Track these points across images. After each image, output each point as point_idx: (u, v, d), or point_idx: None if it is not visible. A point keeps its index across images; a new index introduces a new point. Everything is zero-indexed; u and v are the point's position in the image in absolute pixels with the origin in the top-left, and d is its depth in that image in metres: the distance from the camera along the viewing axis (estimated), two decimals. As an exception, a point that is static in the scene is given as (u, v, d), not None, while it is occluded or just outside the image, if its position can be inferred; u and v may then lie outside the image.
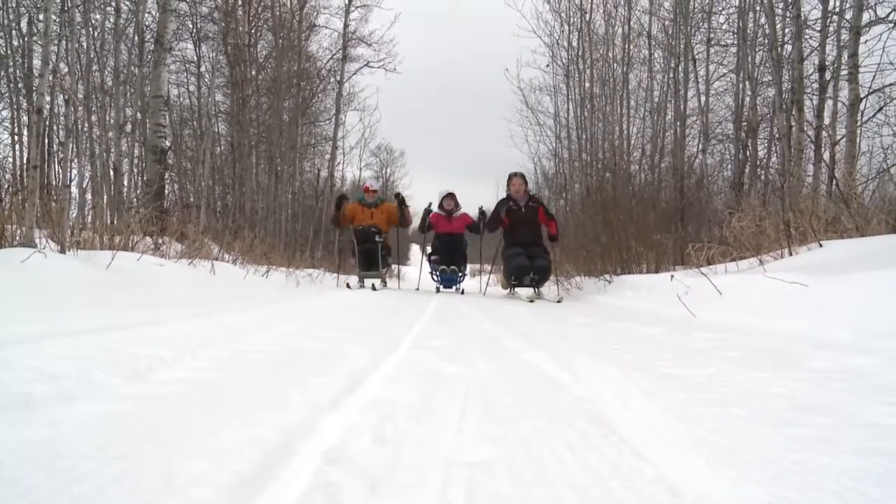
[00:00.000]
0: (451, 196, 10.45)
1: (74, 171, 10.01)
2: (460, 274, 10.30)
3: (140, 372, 1.84)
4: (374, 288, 9.24)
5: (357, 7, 19.05)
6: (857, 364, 2.37)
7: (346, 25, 18.99)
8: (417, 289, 10.49)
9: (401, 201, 10.42)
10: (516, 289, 8.79)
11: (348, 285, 9.46)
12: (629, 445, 1.34)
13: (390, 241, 10.31)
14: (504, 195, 9.21)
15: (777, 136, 9.58)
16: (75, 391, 1.56)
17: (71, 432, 1.28)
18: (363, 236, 9.66)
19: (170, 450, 1.18)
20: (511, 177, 9.20)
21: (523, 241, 8.58)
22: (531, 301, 7.57)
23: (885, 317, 3.10)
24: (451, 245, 10.29)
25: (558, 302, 7.44)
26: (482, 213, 10.08)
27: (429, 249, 10.77)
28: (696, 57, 12.78)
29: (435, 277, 10.32)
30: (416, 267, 12.20)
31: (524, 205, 8.90)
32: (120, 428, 1.32)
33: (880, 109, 8.41)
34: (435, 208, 10.46)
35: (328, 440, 1.32)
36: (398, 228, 10.65)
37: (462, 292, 9.95)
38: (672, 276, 5.94)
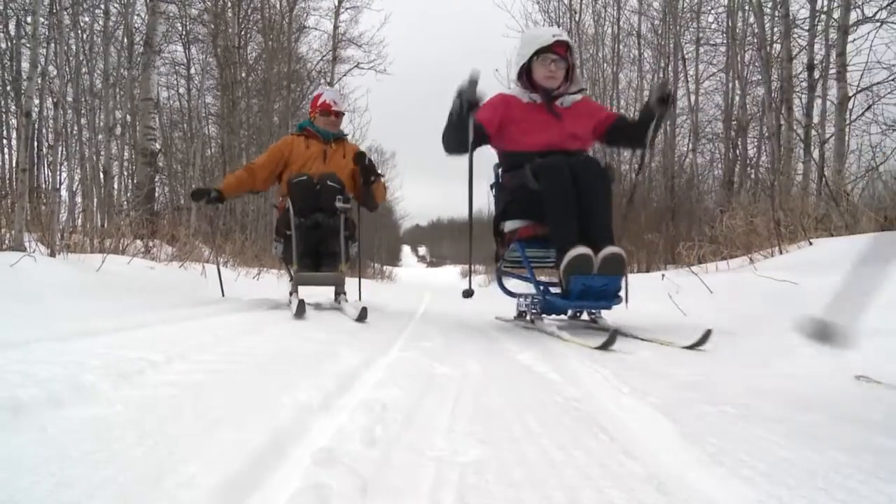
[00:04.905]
0: (562, 46, 3.90)
1: (64, 175, 10.00)
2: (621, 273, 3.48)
3: (129, 375, 1.83)
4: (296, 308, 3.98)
5: (347, 9, 19.12)
6: (847, 361, 2.38)
7: (335, 27, 19.06)
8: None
9: (369, 168, 5.04)
10: None
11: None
12: (619, 444, 1.34)
13: (353, 214, 5.28)
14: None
15: (767, 134, 9.63)
16: (64, 395, 1.55)
17: (60, 437, 1.27)
18: (311, 196, 4.77)
19: (159, 453, 1.18)
20: None
21: None
22: None
23: (875, 314, 3.11)
24: (570, 175, 3.52)
25: None
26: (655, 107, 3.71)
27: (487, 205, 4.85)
28: (686, 56, 12.85)
29: (527, 298, 4.13)
30: (410, 269, 10.33)
31: None
32: (109, 432, 1.31)
33: (869, 108, 8.45)
34: (512, 86, 4.22)
35: (318, 442, 1.32)
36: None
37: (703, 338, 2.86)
38: (663, 276, 5.95)
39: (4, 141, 12.74)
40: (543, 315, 3.96)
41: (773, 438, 1.37)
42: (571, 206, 3.51)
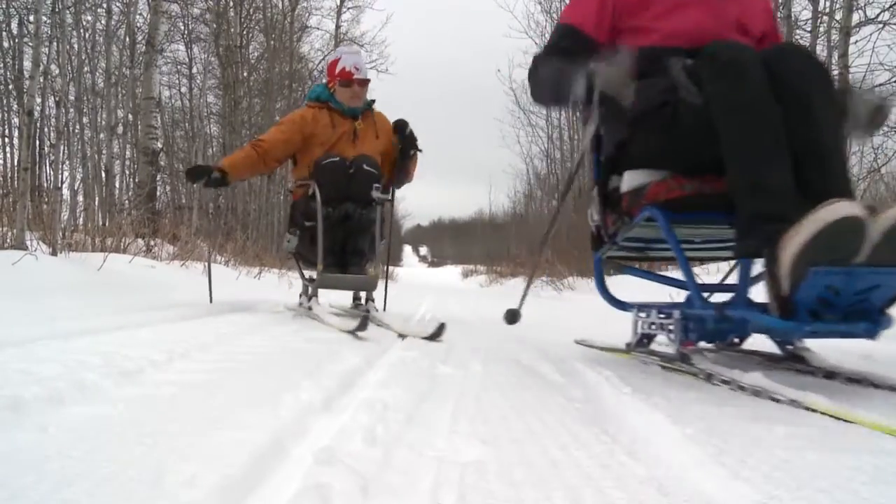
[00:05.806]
0: None
1: (65, 173, 9.99)
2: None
3: (131, 374, 1.83)
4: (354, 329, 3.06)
5: (349, 8, 19.10)
6: (848, 364, 2.38)
7: (337, 27, 19.03)
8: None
9: (410, 140, 4.35)
10: None
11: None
12: (621, 445, 1.34)
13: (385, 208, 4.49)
14: None
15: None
16: (65, 394, 1.56)
17: (61, 435, 1.27)
18: (343, 182, 3.95)
19: (160, 452, 1.18)
20: None
21: None
22: None
23: None
24: (766, 75, 1.81)
25: None
26: None
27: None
28: (688, 57, 12.82)
29: (661, 314, 2.50)
30: (411, 269, 9.92)
31: None
32: (110, 430, 1.31)
33: (871, 109, 8.45)
34: None
35: (320, 441, 1.32)
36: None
37: None
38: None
39: (6, 140, 12.78)
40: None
41: (774, 440, 1.36)
42: (777, 130, 1.80)
